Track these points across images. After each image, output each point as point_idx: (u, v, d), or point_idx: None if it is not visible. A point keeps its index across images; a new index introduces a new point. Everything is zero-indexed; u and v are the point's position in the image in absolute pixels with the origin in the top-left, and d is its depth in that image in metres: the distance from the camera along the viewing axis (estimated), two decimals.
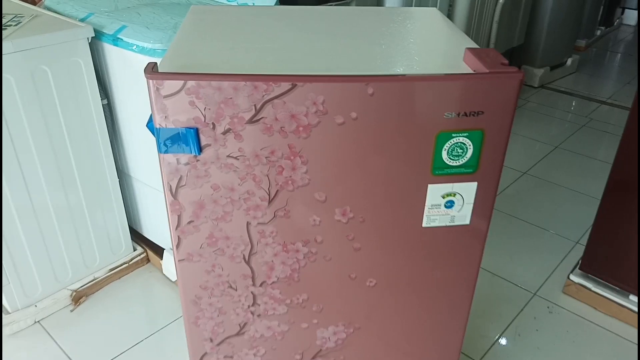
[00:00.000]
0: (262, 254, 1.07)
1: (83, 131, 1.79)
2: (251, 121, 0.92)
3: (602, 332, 1.88)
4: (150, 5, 1.85)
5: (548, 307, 1.99)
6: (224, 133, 0.93)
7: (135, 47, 1.60)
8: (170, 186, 0.98)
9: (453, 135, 0.96)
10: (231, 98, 0.90)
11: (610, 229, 1.88)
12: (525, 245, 2.34)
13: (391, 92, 0.92)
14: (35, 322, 1.88)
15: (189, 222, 1.03)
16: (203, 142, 0.94)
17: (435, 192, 1.02)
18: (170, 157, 0.95)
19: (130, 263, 2.11)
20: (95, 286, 2.02)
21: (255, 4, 1.79)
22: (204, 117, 0.92)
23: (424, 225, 1.06)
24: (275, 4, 1.78)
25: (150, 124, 1.77)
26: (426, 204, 1.03)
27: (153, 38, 1.57)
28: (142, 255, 2.15)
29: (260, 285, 1.11)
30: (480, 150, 0.98)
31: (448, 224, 1.06)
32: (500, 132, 0.98)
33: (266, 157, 0.96)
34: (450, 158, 0.99)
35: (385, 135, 0.96)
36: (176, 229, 1.03)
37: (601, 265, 1.95)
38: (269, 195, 1.00)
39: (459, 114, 0.94)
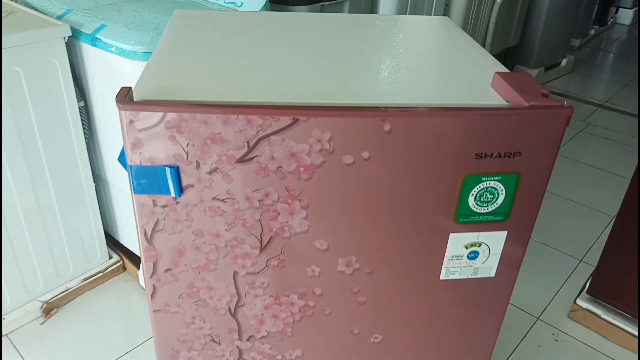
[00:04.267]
0: (250, 307, 0.91)
1: (57, 134, 1.67)
2: (242, 160, 0.76)
3: None
4: (132, 2, 1.72)
5: (553, 334, 1.85)
6: (210, 173, 0.77)
7: (114, 48, 1.46)
8: (145, 230, 0.82)
9: (483, 178, 0.81)
10: (219, 133, 0.74)
11: (624, 251, 1.73)
12: (524, 262, 2.18)
13: (412, 129, 0.76)
14: (2, 335, 1.75)
15: (166, 270, 0.87)
16: (184, 182, 0.78)
17: (457, 241, 0.87)
18: (145, 199, 0.79)
19: (105, 272, 1.98)
20: (68, 297, 1.89)
21: (243, 4, 1.63)
22: (187, 154, 0.76)
23: (441, 277, 0.91)
24: (264, 5, 1.61)
25: (122, 158, 1.60)
26: (446, 255, 0.88)
27: (134, 39, 1.43)
28: (118, 264, 2.01)
29: (248, 339, 0.95)
30: (514, 195, 0.83)
31: (470, 276, 0.91)
32: (540, 175, 0.83)
33: (259, 201, 0.80)
34: (477, 204, 0.84)
35: (402, 178, 0.80)
36: (151, 277, 0.87)
37: (612, 289, 1.80)
38: (260, 242, 0.85)
39: (491, 155, 0.79)
